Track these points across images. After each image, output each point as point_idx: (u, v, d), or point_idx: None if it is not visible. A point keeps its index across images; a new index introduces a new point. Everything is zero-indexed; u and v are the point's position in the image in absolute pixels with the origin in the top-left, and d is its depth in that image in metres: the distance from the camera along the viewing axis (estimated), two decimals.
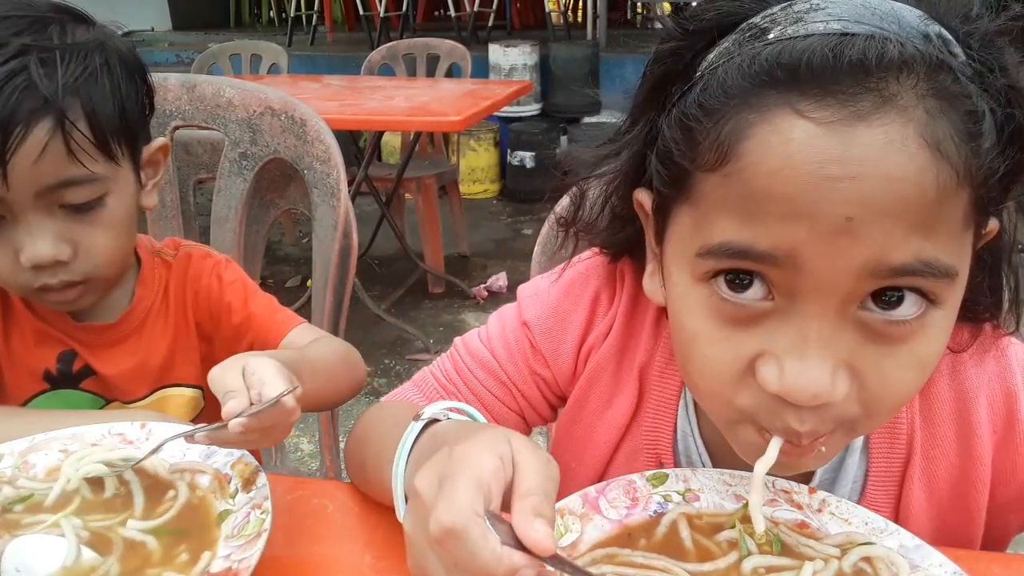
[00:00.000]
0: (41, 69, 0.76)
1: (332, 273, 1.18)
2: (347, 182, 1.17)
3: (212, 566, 0.61)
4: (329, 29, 7.52)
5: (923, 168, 0.45)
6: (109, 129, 0.82)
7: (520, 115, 5.17)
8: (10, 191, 0.77)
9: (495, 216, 4.89)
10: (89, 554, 0.62)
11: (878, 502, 0.68)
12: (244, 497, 0.67)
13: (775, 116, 0.47)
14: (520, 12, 7.75)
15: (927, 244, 0.47)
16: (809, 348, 0.49)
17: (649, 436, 0.73)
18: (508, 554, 0.44)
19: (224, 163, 1.21)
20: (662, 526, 0.65)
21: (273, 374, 0.67)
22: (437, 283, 3.67)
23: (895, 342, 0.50)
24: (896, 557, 0.60)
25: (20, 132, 0.75)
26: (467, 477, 0.46)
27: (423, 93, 3.08)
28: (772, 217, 0.47)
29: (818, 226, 0.46)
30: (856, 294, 0.49)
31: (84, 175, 0.80)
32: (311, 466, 2.41)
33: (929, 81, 0.46)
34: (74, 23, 0.83)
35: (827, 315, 0.49)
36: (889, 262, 0.47)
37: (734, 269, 0.51)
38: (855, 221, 0.45)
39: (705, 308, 0.53)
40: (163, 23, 8.45)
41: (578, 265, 0.76)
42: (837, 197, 0.45)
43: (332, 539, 0.69)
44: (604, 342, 0.73)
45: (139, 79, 0.88)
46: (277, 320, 0.98)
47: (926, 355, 0.51)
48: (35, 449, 0.74)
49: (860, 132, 0.45)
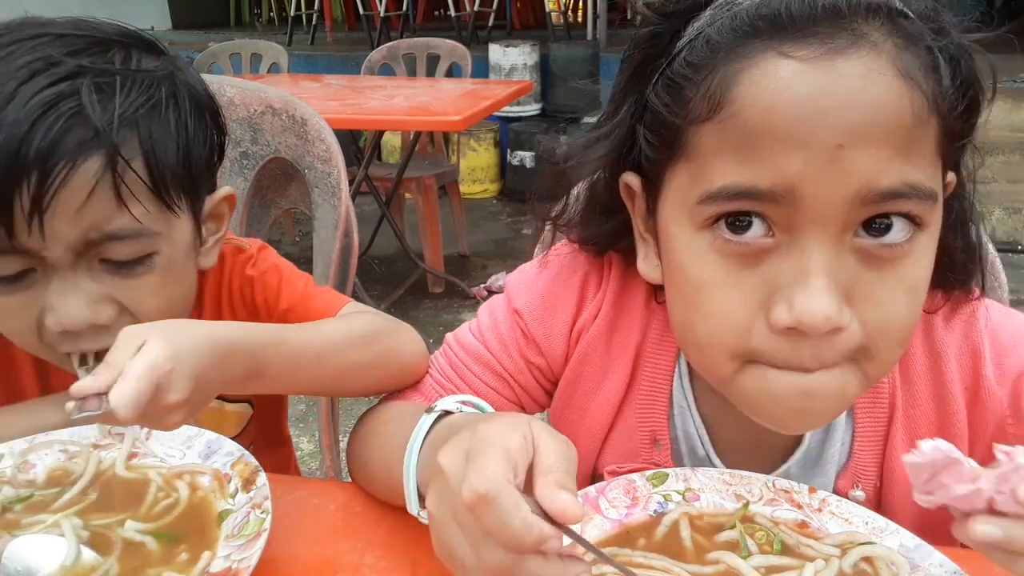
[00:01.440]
0: (95, 95, 0.65)
1: (333, 272, 1.17)
2: (347, 182, 1.17)
3: (212, 566, 0.61)
4: (329, 29, 7.52)
5: (900, 95, 0.50)
6: (169, 173, 0.70)
7: (520, 115, 5.17)
8: (46, 242, 0.65)
9: (495, 216, 4.89)
10: (89, 554, 0.62)
11: (864, 462, 0.70)
12: (244, 497, 0.67)
13: (761, 60, 0.51)
14: (520, 12, 7.75)
15: (909, 168, 0.51)
16: (812, 277, 0.51)
17: (643, 413, 0.73)
18: (538, 523, 0.44)
19: (225, 162, 1.21)
20: (663, 526, 0.65)
21: (137, 374, 0.55)
22: (437, 283, 3.67)
23: (887, 265, 0.53)
24: (896, 557, 0.60)
25: (64, 169, 0.63)
26: (496, 450, 0.46)
27: (423, 93, 3.08)
28: (769, 153, 0.51)
29: (813, 156, 0.50)
30: (851, 223, 0.52)
31: (134, 228, 0.68)
32: (311, 466, 2.41)
33: (892, 23, 0.51)
34: (141, 51, 0.73)
35: (826, 244, 0.52)
36: (879, 187, 0.50)
37: (734, 212, 0.53)
38: (845, 148, 0.49)
39: (710, 253, 0.55)
40: (163, 22, 8.44)
41: (564, 251, 0.77)
42: (828, 126, 0.49)
43: (332, 539, 0.69)
44: (593, 323, 0.74)
45: (210, 119, 0.77)
46: (316, 308, 0.85)
47: (915, 279, 0.55)
48: (35, 449, 0.74)
49: (840, 65, 0.50)
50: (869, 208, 0.51)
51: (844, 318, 0.52)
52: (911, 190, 0.51)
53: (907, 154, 0.51)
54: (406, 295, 3.55)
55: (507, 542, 0.44)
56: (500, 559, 0.45)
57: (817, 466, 0.71)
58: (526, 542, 0.44)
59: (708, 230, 0.55)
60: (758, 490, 0.68)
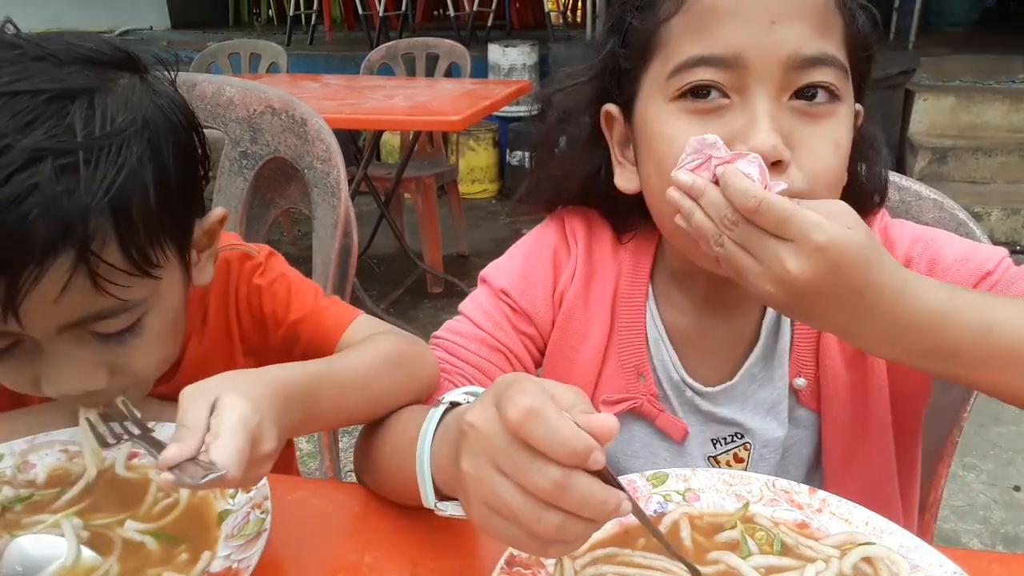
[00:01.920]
0: (59, 184, 0.58)
1: (332, 272, 1.17)
2: (346, 181, 1.17)
3: (212, 566, 0.61)
4: (328, 28, 7.51)
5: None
6: (149, 240, 0.65)
7: (519, 115, 5.16)
8: (25, 329, 0.62)
9: (494, 216, 4.89)
10: (89, 554, 0.62)
11: (803, 354, 0.81)
12: (244, 497, 0.67)
13: None
14: (519, 12, 7.74)
15: (826, 44, 0.66)
16: (759, 122, 0.65)
17: (625, 351, 0.83)
18: (585, 433, 0.46)
19: (224, 162, 1.21)
20: (663, 526, 0.65)
21: (230, 430, 0.55)
22: (436, 283, 3.67)
23: (817, 122, 0.67)
24: (896, 557, 0.60)
25: (34, 272, 0.58)
26: (527, 381, 0.48)
27: (422, 93, 3.08)
28: (720, 29, 0.66)
29: (753, 30, 0.65)
30: (786, 85, 0.66)
31: (116, 305, 0.65)
32: (311, 466, 2.41)
33: None
34: (109, 80, 0.64)
35: (768, 100, 0.66)
36: (805, 53, 0.65)
37: (697, 85, 0.68)
38: (777, 24, 0.64)
39: (681, 114, 0.69)
40: (162, 22, 8.44)
41: (529, 238, 0.89)
42: (764, 5, 0.65)
43: (332, 539, 0.69)
44: (571, 285, 0.84)
45: (196, 143, 0.71)
46: (327, 322, 0.84)
47: (838, 136, 0.68)
48: (35, 449, 0.73)
49: None
50: (799, 72, 0.66)
51: (785, 153, 0.65)
52: (829, 59, 0.66)
53: (824, 32, 0.66)
54: (405, 295, 3.55)
55: (559, 452, 0.45)
56: (552, 479, 0.45)
57: (775, 359, 0.81)
58: (578, 449, 0.45)
59: (678, 100, 0.69)
60: (758, 490, 0.68)
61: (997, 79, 4.83)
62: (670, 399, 0.83)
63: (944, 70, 4.95)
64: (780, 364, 0.81)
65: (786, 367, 0.81)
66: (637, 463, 0.84)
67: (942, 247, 0.78)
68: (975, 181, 4.41)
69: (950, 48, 5.39)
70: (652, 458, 0.84)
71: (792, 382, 0.81)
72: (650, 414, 0.83)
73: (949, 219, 0.96)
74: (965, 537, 2.13)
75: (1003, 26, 6.53)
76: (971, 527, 2.17)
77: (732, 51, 0.65)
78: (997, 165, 4.41)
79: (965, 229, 0.96)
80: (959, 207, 0.97)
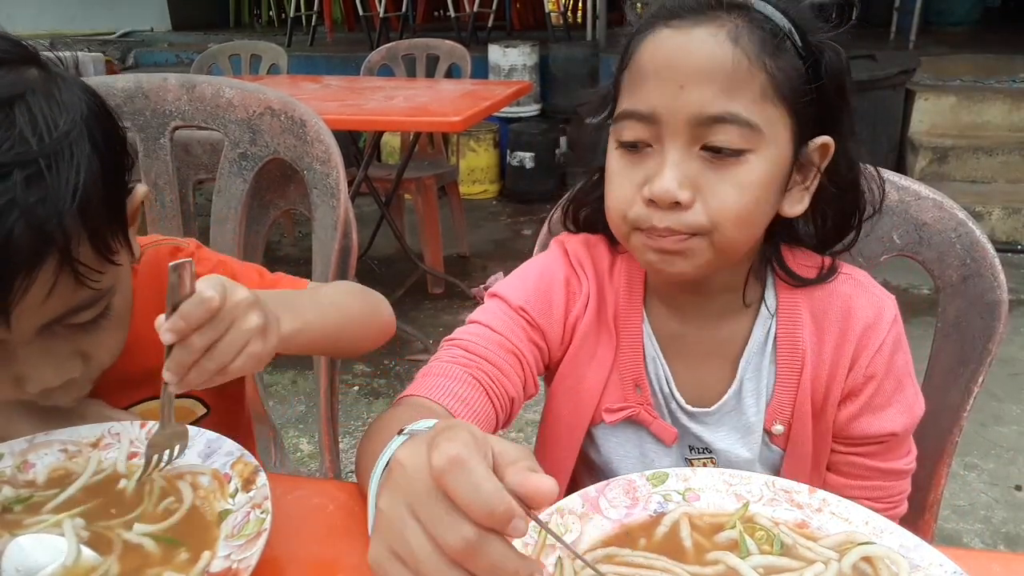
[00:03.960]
0: (30, 194, 0.60)
1: (332, 273, 1.17)
2: (347, 182, 1.17)
3: (212, 566, 0.61)
4: (329, 29, 7.51)
5: (726, 52, 0.72)
6: (109, 232, 0.68)
7: (520, 115, 5.17)
8: (12, 335, 0.65)
9: (495, 216, 4.89)
10: (89, 554, 0.62)
11: (783, 401, 0.88)
12: (244, 497, 0.67)
13: (655, 30, 0.76)
14: (520, 13, 7.75)
15: (732, 103, 0.73)
16: (666, 168, 0.74)
17: (626, 366, 0.91)
18: (509, 496, 0.43)
19: (224, 163, 1.21)
20: (663, 525, 0.65)
21: (207, 280, 0.62)
22: (437, 283, 3.67)
23: (722, 169, 0.74)
24: (896, 556, 0.60)
25: (23, 283, 0.61)
26: (461, 429, 0.46)
27: (423, 93, 3.07)
28: (644, 89, 0.75)
29: (665, 93, 0.74)
30: (695, 138, 0.74)
31: (93, 296, 0.69)
32: (311, 466, 2.41)
33: (746, 13, 0.74)
34: (29, 80, 0.65)
35: (677, 150, 0.75)
36: (707, 112, 0.73)
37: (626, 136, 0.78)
38: (685, 88, 0.73)
39: (618, 154, 0.80)
40: (162, 23, 8.45)
41: (537, 262, 0.94)
42: (675, 73, 0.73)
43: (332, 539, 0.69)
44: (585, 313, 0.90)
45: (115, 133, 0.72)
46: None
47: (742, 180, 0.75)
48: (35, 449, 0.74)
49: (694, 31, 0.74)
50: (704, 128, 0.73)
51: (682, 195, 0.74)
52: (732, 117, 0.73)
53: (730, 93, 0.72)
54: (406, 296, 3.55)
55: (478, 511, 0.42)
56: (464, 537, 0.43)
57: (753, 393, 0.88)
58: (498, 511, 0.42)
59: (618, 143, 0.79)
60: (758, 490, 0.68)
61: (998, 79, 4.83)
62: (661, 408, 0.91)
63: (945, 70, 4.94)
64: (757, 398, 0.88)
65: (763, 403, 0.88)
66: (628, 463, 0.93)
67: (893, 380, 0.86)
68: (976, 181, 4.41)
69: (951, 47, 5.39)
70: (642, 458, 0.92)
71: (771, 427, 0.88)
72: (645, 421, 0.91)
73: (948, 219, 0.96)
74: (967, 537, 2.13)
75: (1004, 25, 6.53)
76: (972, 527, 2.17)
77: (649, 109, 0.75)
78: (998, 165, 4.41)
79: (964, 229, 0.96)
80: (958, 207, 0.97)
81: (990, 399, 2.71)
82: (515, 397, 0.84)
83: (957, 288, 0.97)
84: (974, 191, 4.29)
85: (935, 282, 0.99)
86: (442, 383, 0.79)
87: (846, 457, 0.88)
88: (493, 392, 0.82)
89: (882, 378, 0.85)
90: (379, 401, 2.75)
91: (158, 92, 1.20)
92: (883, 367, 0.85)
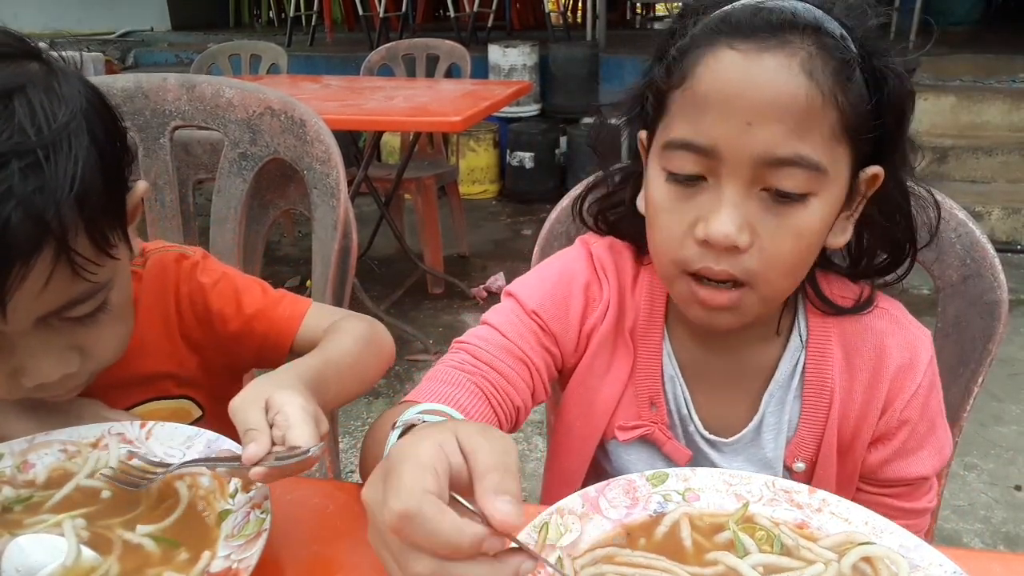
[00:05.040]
0: (28, 184, 0.60)
1: (332, 273, 1.17)
2: (347, 182, 1.17)
3: (212, 566, 0.61)
4: (328, 29, 7.51)
5: (799, 86, 0.66)
6: (107, 225, 0.68)
7: (519, 115, 5.17)
8: (9, 325, 0.65)
9: (494, 216, 4.89)
10: (89, 554, 0.62)
11: (806, 439, 0.85)
12: (244, 497, 0.67)
13: (717, 50, 0.69)
14: (519, 12, 7.75)
15: (801, 144, 0.67)
16: (723, 208, 0.69)
17: (642, 383, 0.88)
18: (468, 525, 0.44)
19: (224, 163, 1.21)
20: (663, 526, 0.65)
21: (299, 417, 0.62)
22: (437, 283, 3.67)
23: (783, 213, 0.70)
24: (896, 556, 0.60)
25: (20, 271, 0.61)
26: (408, 463, 0.46)
27: (422, 93, 3.07)
28: (705, 120, 0.69)
29: (730, 128, 0.68)
30: (757, 178, 0.69)
31: (90, 289, 0.69)
32: None
33: (816, 37, 0.67)
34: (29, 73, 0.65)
35: (737, 189, 0.69)
36: (775, 155, 0.67)
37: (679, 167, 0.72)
38: (753, 125, 0.67)
39: (664, 183, 0.74)
40: (162, 23, 8.45)
41: (558, 262, 0.91)
42: (743, 107, 0.67)
43: (332, 539, 0.69)
44: (603, 322, 0.87)
45: (116, 128, 0.72)
46: (282, 315, 0.89)
47: (804, 228, 0.71)
48: (35, 449, 0.74)
49: (763, 58, 0.67)
50: (769, 169, 0.68)
51: (741, 240, 0.69)
52: (800, 160, 0.68)
53: (800, 133, 0.67)
54: (406, 296, 3.54)
55: (442, 551, 0.43)
56: (428, 567, 0.44)
57: (774, 428, 0.85)
58: (464, 545, 0.43)
59: (666, 171, 0.73)
60: (758, 490, 0.68)
61: (998, 78, 4.83)
62: (676, 429, 0.88)
63: (944, 70, 4.94)
64: (776, 434, 0.85)
65: (783, 439, 0.85)
66: None
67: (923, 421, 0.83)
68: (975, 180, 4.41)
69: (950, 47, 5.39)
70: None
71: (792, 464, 0.85)
72: (659, 440, 0.88)
73: (948, 218, 0.96)
74: (966, 537, 2.13)
75: (1004, 25, 6.53)
76: (972, 527, 2.17)
77: (710, 143, 0.69)
78: (998, 164, 4.41)
79: (964, 229, 0.96)
80: (958, 207, 0.97)
81: (990, 399, 2.71)
82: (520, 406, 0.83)
83: (957, 288, 0.97)
84: (974, 191, 4.29)
85: (935, 282, 0.99)
86: (444, 390, 0.79)
87: (873, 498, 0.86)
88: (496, 401, 0.80)
89: (916, 422, 0.82)
90: (379, 401, 2.74)
91: (158, 92, 1.20)
92: (917, 411, 0.82)
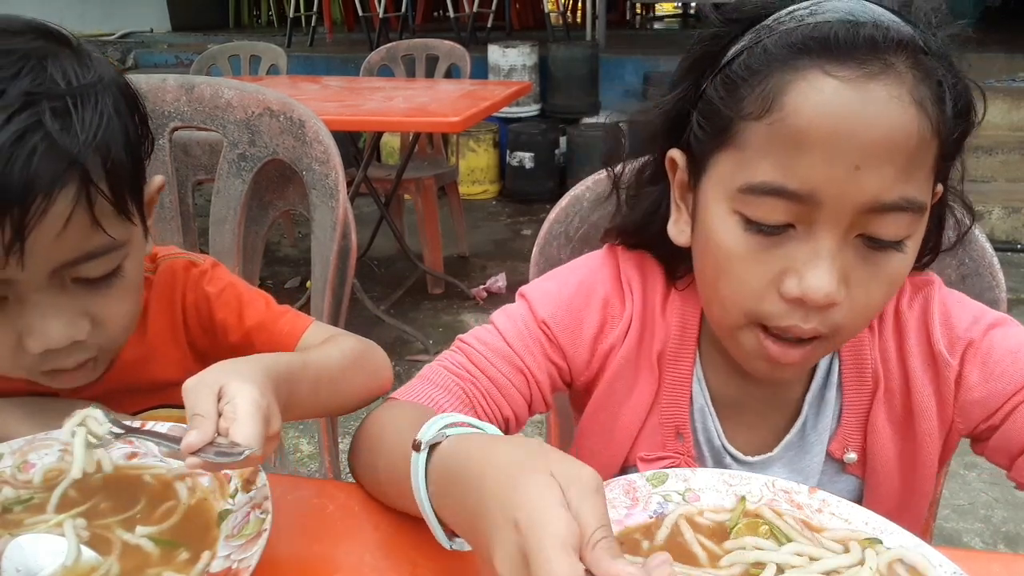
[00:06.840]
0: (57, 123, 0.63)
1: (331, 274, 1.18)
2: (346, 183, 1.17)
3: (212, 566, 0.61)
4: (328, 30, 7.52)
5: (911, 120, 0.59)
6: (127, 186, 0.70)
7: (519, 116, 5.17)
8: (24, 271, 0.65)
9: (494, 217, 4.89)
10: (89, 554, 0.62)
11: (851, 428, 0.80)
12: (244, 497, 0.67)
13: (810, 75, 0.60)
14: (519, 13, 7.75)
15: (908, 186, 0.61)
16: (821, 261, 0.62)
17: (668, 411, 0.82)
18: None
19: (223, 164, 1.21)
20: (663, 526, 0.64)
21: (247, 412, 0.60)
22: (436, 284, 3.67)
23: (879, 261, 0.64)
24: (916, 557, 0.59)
25: (43, 203, 0.62)
26: (554, 547, 0.44)
27: (422, 94, 3.08)
28: (803, 161, 0.61)
29: (835, 172, 0.60)
30: (856, 224, 0.62)
31: (106, 244, 0.69)
32: (311, 467, 2.41)
33: (914, 57, 0.60)
34: (62, 47, 0.68)
35: (835, 238, 0.62)
36: (882, 201, 0.61)
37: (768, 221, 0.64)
38: (861, 169, 0.60)
39: (741, 231, 0.66)
40: (162, 24, 8.45)
41: (581, 269, 0.85)
42: (851, 148, 0.59)
43: (332, 539, 0.69)
44: (624, 342, 0.81)
45: (140, 113, 0.75)
46: (281, 330, 0.88)
47: (897, 274, 0.66)
48: (35, 449, 0.74)
49: (871, 87, 0.59)
50: (872, 215, 0.62)
51: (840, 295, 0.63)
52: (907, 204, 0.61)
53: (908, 173, 0.61)
54: (405, 296, 3.55)
55: None
56: None
57: (816, 430, 0.80)
58: None
59: (742, 216, 0.65)
60: (758, 490, 0.68)
61: (998, 78, 4.83)
62: (706, 461, 0.83)
63: None
64: (819, 435, 0.80)
65: (825, 438, 0.80)
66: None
67: (997, 340, 0.75)
68: (975, 180, 4.40)
69: None
70: None
71: (842, 456, 0.80)
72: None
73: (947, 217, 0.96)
74: (967, 536, 2.13)
75: (1004, 25, 6.53)
76: (972, 526, 2.17)
77: (808, 189, 0.61)
78: (998, 163, 4.41)
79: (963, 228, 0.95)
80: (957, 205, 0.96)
81: None
82: (511, 416, 0.80)
83: (956, 287, 0.97)
84: (974, 190, 4.21)
85: None
86: (430, 392, 0.78)
87: None
88: (483, 408, 0.78)
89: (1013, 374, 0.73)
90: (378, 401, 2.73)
91: (157, 93, 1.20)
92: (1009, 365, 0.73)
